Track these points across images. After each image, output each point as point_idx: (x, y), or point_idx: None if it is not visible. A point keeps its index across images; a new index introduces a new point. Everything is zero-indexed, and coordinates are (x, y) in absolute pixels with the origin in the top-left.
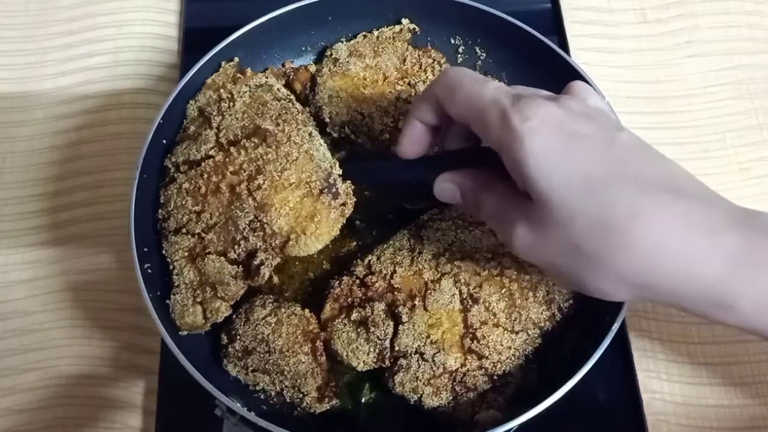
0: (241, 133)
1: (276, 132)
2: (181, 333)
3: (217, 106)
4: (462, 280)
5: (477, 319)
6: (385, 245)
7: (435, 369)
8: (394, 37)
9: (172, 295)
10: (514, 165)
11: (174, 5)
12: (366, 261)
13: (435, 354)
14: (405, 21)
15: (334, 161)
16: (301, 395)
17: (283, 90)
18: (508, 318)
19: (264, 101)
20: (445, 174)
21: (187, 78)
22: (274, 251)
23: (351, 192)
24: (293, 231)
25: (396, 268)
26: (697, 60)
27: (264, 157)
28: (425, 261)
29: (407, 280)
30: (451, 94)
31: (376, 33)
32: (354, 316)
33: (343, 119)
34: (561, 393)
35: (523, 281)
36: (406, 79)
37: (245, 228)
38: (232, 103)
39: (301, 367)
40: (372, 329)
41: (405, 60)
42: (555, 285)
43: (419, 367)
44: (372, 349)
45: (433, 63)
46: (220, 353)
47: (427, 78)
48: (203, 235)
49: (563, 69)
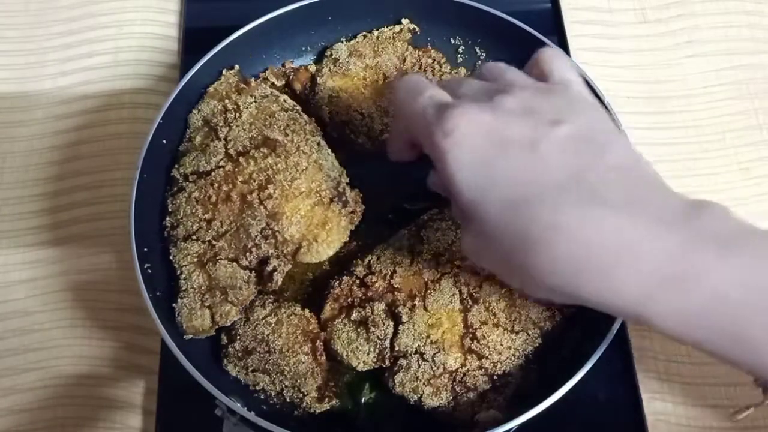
0: (250, 144)
1: (285, 142)
2: (186, 337)
3: (223, 117)
4: (462, 280)
5: (477, 319)
6: (385, 245)
7: (435, 369)
8: (394, 37)
9: (178, 299)
10: (443, 179)
11: (174, 5)
12: (366, 261)
13: (435, 354)
14: (405, 21)
15: (342, 170)
16: (302, 395)
17: (290, 101)
18: (508, 318)
19: (271, 112)
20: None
21: (187, 78)
22: (285, 258)
23: (360, 200)
24: (305, 238)
25: (396, 268)
26: (697, 60)
27: (274, 167)
28: (425, 261)
29: (407, 280)
30: (396, 98)
31: (376, 33)
32: (354, 316)
33: (343, 119)
34: (561, 393)
35: None
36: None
37: (257, 235)
38: (238, 114)
39: (301, 367)
40: (372, 329)
41: (405, 60)
42: None
43: (419, 367)
44: (372, 349)
45: (433, 63)
46: (220, 353)
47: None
48: (214, 243)
49: None
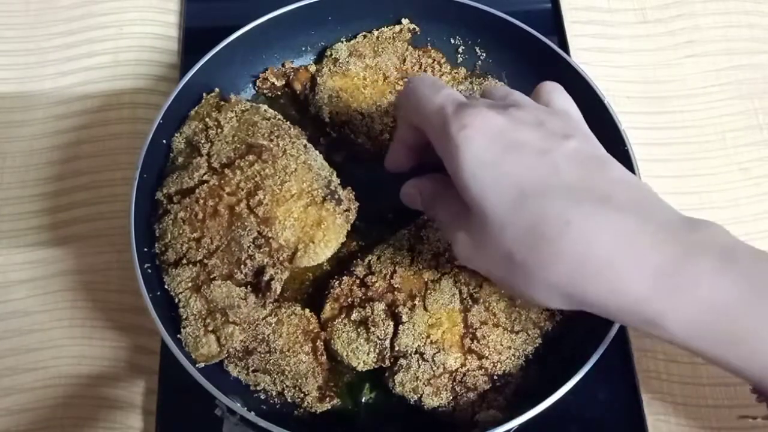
0: (234, 155)
1: (271, 146)
2: (199, 365)
3: (205, 134)
4: (462, 280)
5: (477, 319)
6: (385, 245)
7: (435, 369)
8: (394, 37)
9: (182, 329)
10: (451, 172)
11: (174, 5)
12: (366, 261)
13: (435, 354)
14: (405, 21)
15: (332, 170)
16: (302, 395)
17: (271, 110)
18: (508, 318)
19: (253, 122)
20: (411, 180)
21: (187, 78)
22: (282, 265)
23: (353, 198)
24: (300, 241)
25: (396, 268)
26: (697, 60)
27: (261, 173)
28: (425, 261)
29: (407, 280)
30: (407, 99)
31: (376, 33)
32: (354, 316)
33: (343, 119)
34: (561, 393)
35: None
36: (406, 79)
37: (249, 246)
38: (220, 130)
39: (302, 367)
40: (372, 329)
41: (405, 60)
42: None
43: (419, 367)
44: (372, 349)
45: (433, 63)
46: None
47: None
48: (206, 261)
49: (563, 69)
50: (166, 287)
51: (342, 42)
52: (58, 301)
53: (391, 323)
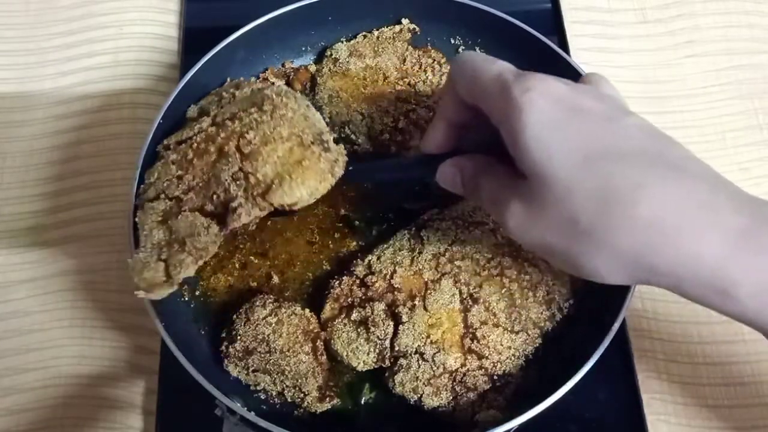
0: (239, 110)
1: (273, 97)
2: (138, 293)
3: (218, 102)
4: (462, 280)
5: (477, 319)
6: (385, 245)
7: (435, 369)
8: (394, 37)
9: (134, 255)
10: (511, 137)
11: (174, 5)
12: (366, 261)
13: (435, 354)
14: (405, 21)
15: (329, 131)
16: (302, 395)
17: (284, 86)
18: (508, 318)
19: (264, 93)
20: (449, 159)
21: (187, 78)
22: (254, 200)
23: (344, 152)
24: (278, 176)
25: (396, 268)
26: (697, 60)
27: (258, 120)
28: (425, 261)
29: (407, 280)
30: (462, 72)
31: (376, 33)
32: (354, 316)
33: (343, 119)
34: (561, 393)
35: (523, 281)
36: (406, 79)
37: (227, 180)
38: (233, 99)
39: (302, 367)
40: (372, 329)
41: (405, 60)
42: (555, 285)
43: (419, 367)
44: (372, 349)
45: (433, 63)
46: (220, 353)
47: (427, 78)
48: (182, 197)
49: (563, 69)
50: (135, 220)
51: (342, 42)
52: (58, 301)
53: (391, 323)
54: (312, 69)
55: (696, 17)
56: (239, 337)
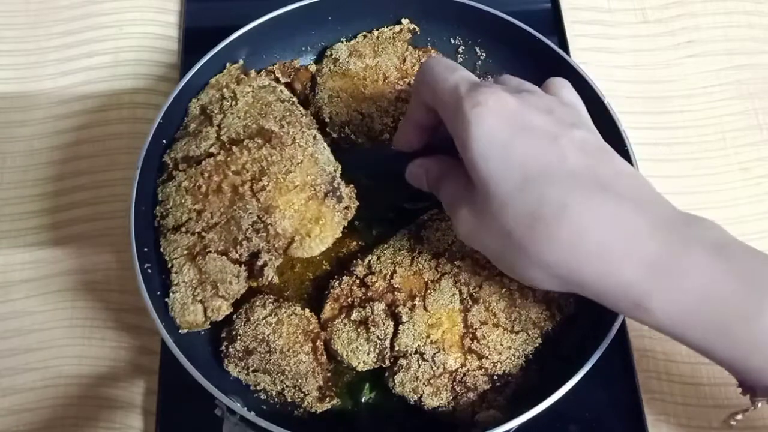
0: (244, 132)
1: (281, 134)
2: (181, 331)
3: (219, 104)
4: (462, 280)
5: (477, 319)
6: (385, 245)
7: (435, 369)
8: (394, 37)
9: (171, 294)
10: (461, 149)
11: (174, 5)
12: (366, 261)
13: (435, 354)
14: (405, 21)
15: (337, 165)
16: (303, 395)
17: (287, 92)
18: (508, 318)
19: (267, 102)
20: (418, 159)
21: (187, 78)
22: (277, 252)
23: (354, 196)
24: (297, 233)
25: (396, 268)
26: (697, 60)
27: (268, 159)
28: (425, 261)
29: (407, 280)
30: (424, 79)
31: (376, 33)
32: (354, 316)
33: (343, 119)
34: (561, 393)
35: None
36: (406, 79)
37: (248, 228)
38: (234, 102)
39: (302, 367)
40: (372, 329)
41: (405, 60)
42: None
43: (419, 367)
44: (372, 349)
45: None
46: (220, 353)
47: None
48: (204, 234)
49: (563, 69)
50: (161, 250)
51: (342, 42)
52: (58, 301)
53: (391, 323)
54: (312, 69)
55: (696, 17)
56: (239, 337)
